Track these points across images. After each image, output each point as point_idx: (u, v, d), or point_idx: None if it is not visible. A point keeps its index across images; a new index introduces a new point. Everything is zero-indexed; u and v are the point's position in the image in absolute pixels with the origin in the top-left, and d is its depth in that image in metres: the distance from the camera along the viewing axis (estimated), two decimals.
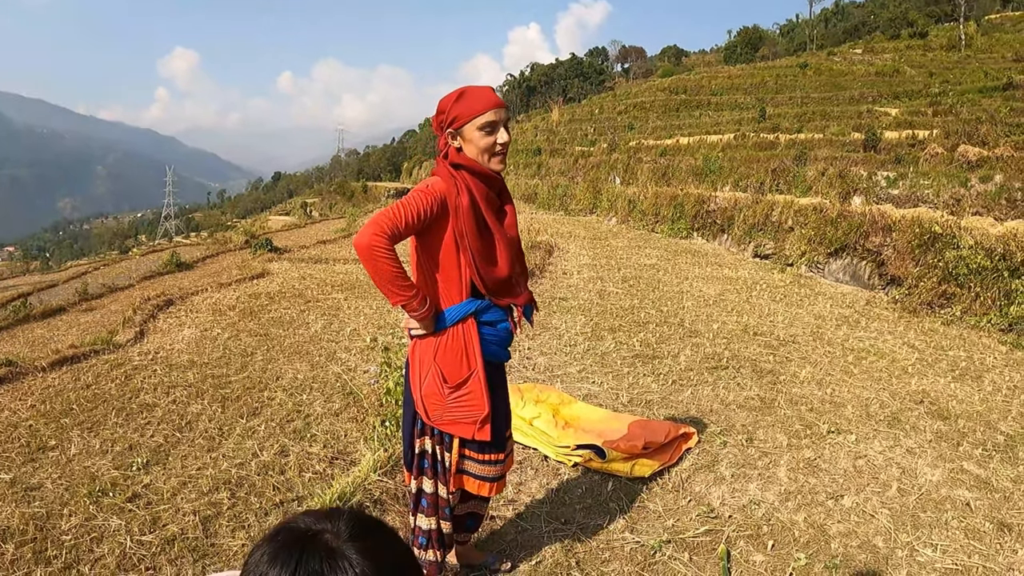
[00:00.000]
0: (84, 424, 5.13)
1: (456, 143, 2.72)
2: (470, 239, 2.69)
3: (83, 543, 3.52)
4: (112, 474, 4.28)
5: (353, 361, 6.69)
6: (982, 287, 8.57)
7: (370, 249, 2.56)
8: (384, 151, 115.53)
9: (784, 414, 5.48)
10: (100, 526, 3.68)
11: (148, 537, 3.59)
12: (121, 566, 3.34)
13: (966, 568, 3.53)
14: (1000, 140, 19.26)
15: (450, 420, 2.84)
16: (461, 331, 2.79)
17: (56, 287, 16.72)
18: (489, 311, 2.85)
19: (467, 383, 2.80)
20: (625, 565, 3.56)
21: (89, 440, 4.83)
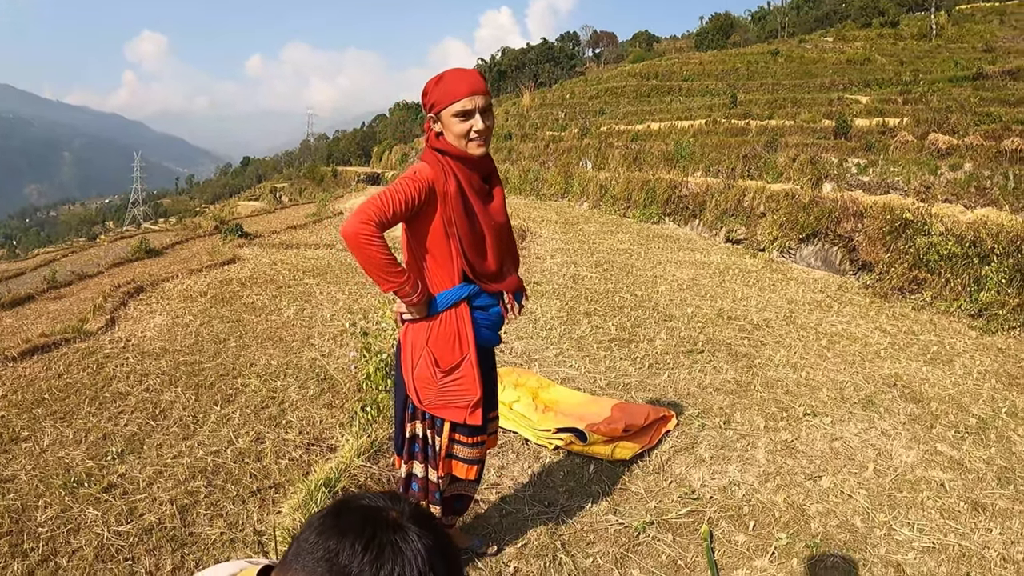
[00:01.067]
0: (57, 414, 5.05)
1: (437, 127, 2.70)
2: (459, 225, 2.67)
3: (60, 535, 3.48)
4: (87, 464, 4.23)
5: (327, 347, 6.64)
6: (952, 273, 8.68)
7: (358, 237, 2.53)
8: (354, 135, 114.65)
9: (760, 397, 5.53)
10: (76, 517, 3.64)
11: (125, 528, 3.55)
12: (99, 557, 3.30)
13: (943, 546, 3.58)
14: (970, 129, 19.43)
15: (442, 404, 2.83)
16: (454, 316, 2.78)
17: (24, 275, 16.52)
18: (481, 296, 2.83)
19: (459, 367, 2.79)
20: (610, 547, 3.58)
21: (62, 430, 4.76)
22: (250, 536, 3.54)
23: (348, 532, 1.14)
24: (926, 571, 3.38)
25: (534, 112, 45.18)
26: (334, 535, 1.15)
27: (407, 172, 2.69)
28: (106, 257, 16.78)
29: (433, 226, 2.68)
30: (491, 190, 2.86)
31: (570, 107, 42.79)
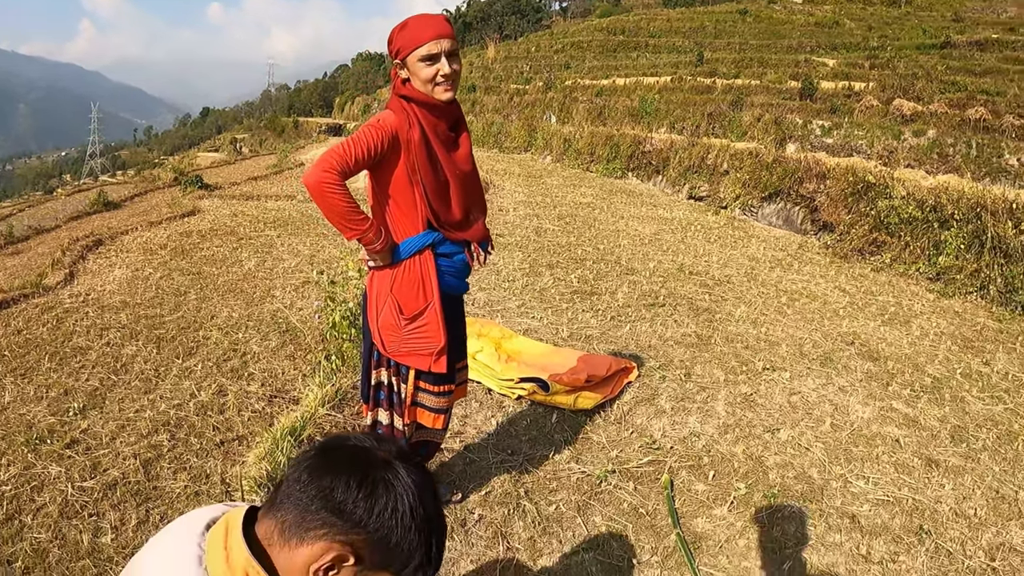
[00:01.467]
0: (17, 371, 4.96)
1: (404, 74, 2.65)
2: (422, 173, 2.64)
3: (23, 492, 3.45)
4: (49, 421, 4.18)
5: (289, 299, 6.57)
6: (912, 237, 8.76)
7: (320, 186, 2.51)
8: (316, 86, 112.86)
9: (721, 351, 5.56)
10: (40, 474, 3.60)
11: (89, 483, 3.52)
12: (64, 514, 3.27)
13: (896, 499, 3.64)
14: (935, 96, 19.58)
15: (407, 352, 2.81)
16: (417, 263, 2.75)
17: None
18: (445, 244, 2.80)
19: (423, 315, 2.77)
20: (572, 494, 3.61)
21: (23, 387, 4.68)
22: (215, 488, 3.51)
23: (341, 470, 1.23)
24: (880, 523, 3.44)
25: (499, 65, 44.70)
26: (327, 473, 1.23)
27: (371, 120, 2.65)
28: (64, 210, 16.39)
29: (397, 174, 2.65)
30: (457, 138, 2.81)
31: (535, 60, 42.38)
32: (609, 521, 3.39)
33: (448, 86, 2.62)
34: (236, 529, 1.27)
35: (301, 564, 1.23)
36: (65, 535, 3.12)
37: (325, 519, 1.22)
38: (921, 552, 3.25)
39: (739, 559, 3.16)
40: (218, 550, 1.26)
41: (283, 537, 1.24)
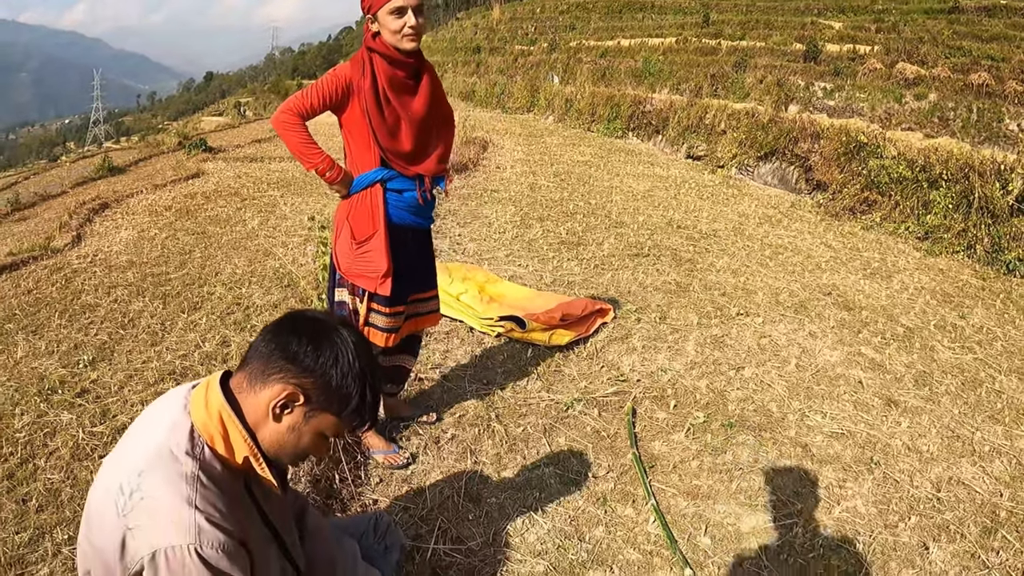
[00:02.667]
0: (28, 328, 5.10)
1: (374, 27, 2.93)
2: (371, 115, 2.97)
3: (37, 438, 3.58)
4: (60, 373, 4.31)
5: (291, 255, 6.68)
6: (902, 196, 8.86)
7: (281, 124, 3.00)
8: (320, 48, 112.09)
9: (698, 297, 5.73)
10: (52, 421, 3.74)
11: (99, 428, 3.66)
12: (75, 456, 3.41)
13: (851, 433, 3.82)
14: (939, 61, 19.55)
15: (357, 273, 3.13)
16: (369, 195, 3.08)
17: None
18: (396, 180, 3.11)
19: (370, 241, 3.09)
20: (540, 418, 3.83)
21: (35, 342, 4.81)
22: None
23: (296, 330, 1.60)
24: (832, 453, 3.62)
25: (503, 26, 44.45)
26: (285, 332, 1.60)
27: (329, 71, 3.03)
28: (69, 177, 16.15)
29: (354, 116, 3.00)
30: (417, 85, 3.09)
31: (540, 22, 42.12)
32: (572, 442, 3.60)
33: (413, 37, 2.91)
34: (214, 382, 1.64)
35: (264, 403, 1.58)
36: (76, 475, 3.27)
37: (282, 366, 1.57)
38: (868, 480, 3.42)
39: (691, 478, 3.35)
40: (199, 399, 1.63)
41: (249, 383, 1.61)
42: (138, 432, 1.63)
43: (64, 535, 2.86)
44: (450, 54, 38.76)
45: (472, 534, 2.94)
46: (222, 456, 1.59)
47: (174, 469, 1.49)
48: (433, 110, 3.15)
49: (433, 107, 3.15)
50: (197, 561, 1.43)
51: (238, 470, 1.62)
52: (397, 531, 2.51)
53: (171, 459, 1.51)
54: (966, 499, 3.35)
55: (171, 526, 1.44)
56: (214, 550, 1.45)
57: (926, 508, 3.25)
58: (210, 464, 1.55)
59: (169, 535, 1.43)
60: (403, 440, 3.61)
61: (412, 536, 2.89)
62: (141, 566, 1.45)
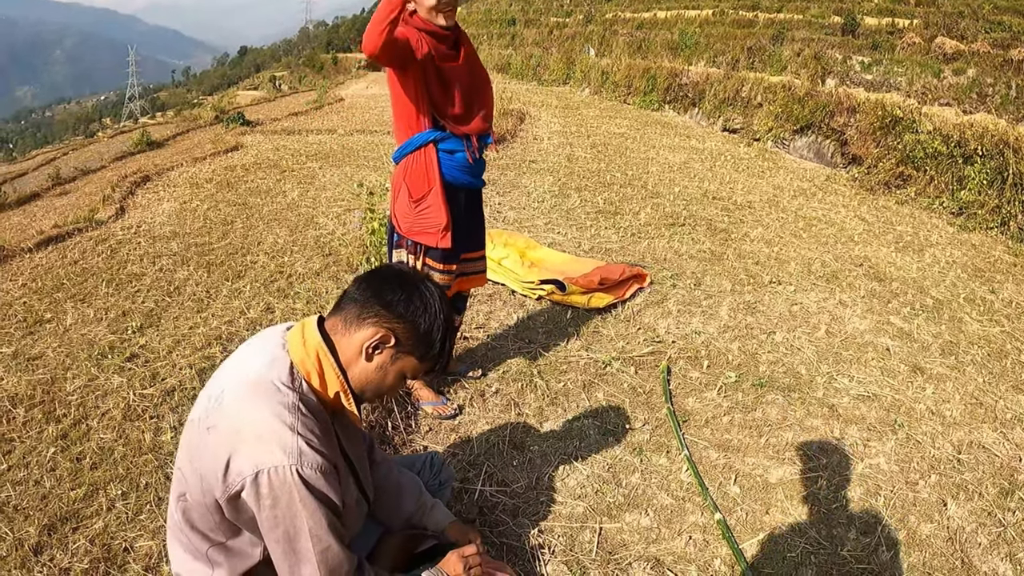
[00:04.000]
0: (76, 296, 5.21)
1: (411, 6, 3.12)
2: (429, 76, 3.15)
3: (89, 401, 3.72)
4: (109, 338, 4.43)
5: (331, 225, 6.86)
6: (937, 171, 8.91)
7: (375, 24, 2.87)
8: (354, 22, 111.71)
9: (732, 265, 5.90)
10: (103, 385, 3.87)
11: (149, 391, 3.81)
12: (127, 417, 3.57)
13: (876, 396, 3.98)
14: (979, 36, 19.32)
15: (417, 230, 3.32)
16: (423, 155, 3.27)
17: (26, 175, 16.25)
18: (448, 140, 3.30)
19: (426, 198, 3.28)
20: (580, 375, 4.05)
21: (83, 310, 4.94)
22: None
23: (389, 280, 1.82)
24: (857, 415, 3.79)
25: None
26: (379, 282, 1.82)
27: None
28: (108, 152, 16.44)
29: (408, 76, 3.14)
30: (458, 55, 3.27)
31: None
32: (610, 397, 3.82)
33: (449, 11, 3.12)
34: (311, 323, 1.84)
35: (358, 343, 1.79)
36: (128, 435, 3.40)
37: (377, 311, 1.78)
38: (892, 440, 3.59)
39: (722, 433, 3.55)
40: (297, 338, 1.81)
41: (344, 325, 1.81)
42: (235, 365, 1.83)
43: (118, 491, 3.00)
44: (485, 26, 38.63)
45: (516, 478, 3.15)
46: (316, 390, 1.78)
47: (276, 399, 1.69)
48: (475, 77, 3.35)
49: (474, 74, 3.35)
50: (298, 480, 1.63)
51: (328, 404, 1.82)
52: (450, 468, 2.71)
53: (274, 390, 1.70)
54: (985, 462, 3.50)
55: (275, 448, 1.63)
56: (313, 471, 1.65)
57: (946, 468, 3.41)
58: (307, 396, 1.75)
59: (273, 456, 1.62)
60: (450, 393, 3.83)
61: (460, 479, 3.10)
62: (242, 485, 1.64)
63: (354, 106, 19.46)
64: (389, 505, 2.28)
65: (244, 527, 1.77)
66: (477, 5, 56.41)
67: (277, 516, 1.65)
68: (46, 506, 2.92)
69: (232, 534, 1.80)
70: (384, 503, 2.26)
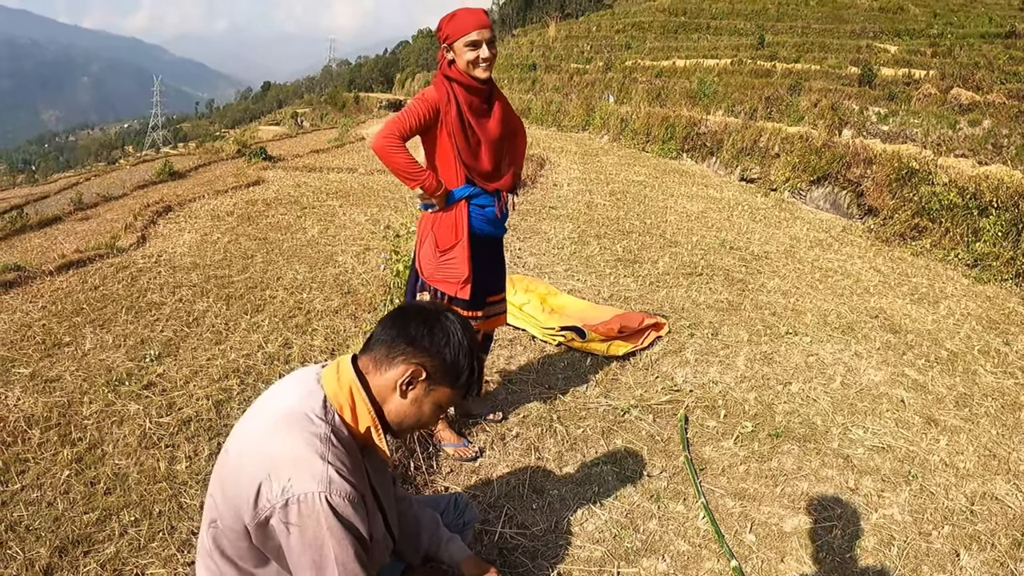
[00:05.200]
0: (96, 322, 5.35)
1: (450, 56, 3.30)
2: (457, 139, 3.31)
3: (105, 426, 3.81)
4: (127, 365, 4.55)
5: (350, 263, 6.96)
6: (952, 223, 8.98)
7: (384, 148, 3.24)
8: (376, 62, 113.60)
9: (748, 316, 5.99)
10: (120, 411, 3.96)
11: (166, 419, 3.89)
12: (142, 444, 3.64)
13: (891, 447, 4.05)
14: (994, 87, 19.41)
15: (440, 278, 3.49)
16: (454, 209, 3.43)
17: (49, 198, 16.44)
18: (481, 196, 3.46)
19: (453, 250, 3.44)
20: (599, 422, 4.16)
21: (102, 336, 5.05)
22: None
23: (412, 317, 1.93)
24: (872, 465, 3.86)
25: (559, 44, 44.77)
26: (403, 320, 1.93)
27: (418, 95, 3.35)
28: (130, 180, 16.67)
29: (440, 137, 3.33)
30: (491, 109, 3.43)
31: (596, 40, 42.36)
32: (628, 444, 3.91)
33: (486, 67, 3.28)
34: (345, 361, 1.94)
35: (391, 381, 1.89)
36: (143, 462, 3.47)
37: (404, 349, 1.88)
38: (905, 491, 3.65)
39: (738, 482, 3.63)
40: (332, 374, 1.92)
41: (376, 366, 1.91)
42: (270, 398, 1.94)
43: (131, 517, 3.06)
44: (506, 71, 39.11)
45: (536, 521, 3.24)
46: (348, 424, 1.88)
47: (309, 429, 1.78)
48: (506, 129, 3.51)
49: (506, 127, 3.51)
50: (327, 507, 1.69)
51: (359, 438, 1.91)
52: (473, 509, 2.80)
53: (307, 421, 1.80)
54: (999, 513, 3.55)
55: (305, 476, 1.70)
56: (342, 499, 1.72)
57: (959, 519, 3.47)
58: (339, 429, 1.84)
59: (303, 484, 1.69)
60: (471, 436, 3.94)
61: (480, 520, 3.19)
62: (271, 511, 1.71)
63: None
64: (408, 539, 2.36)
65: (271, 555, 1.84)
66: (499, 50, 57.18)
67: (305, 543, 1.71)
68: (58, 528, 2.98)
69: (260, 563, 1.87)
70: (403, 537, 2.33)
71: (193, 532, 2.95)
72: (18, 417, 3.83)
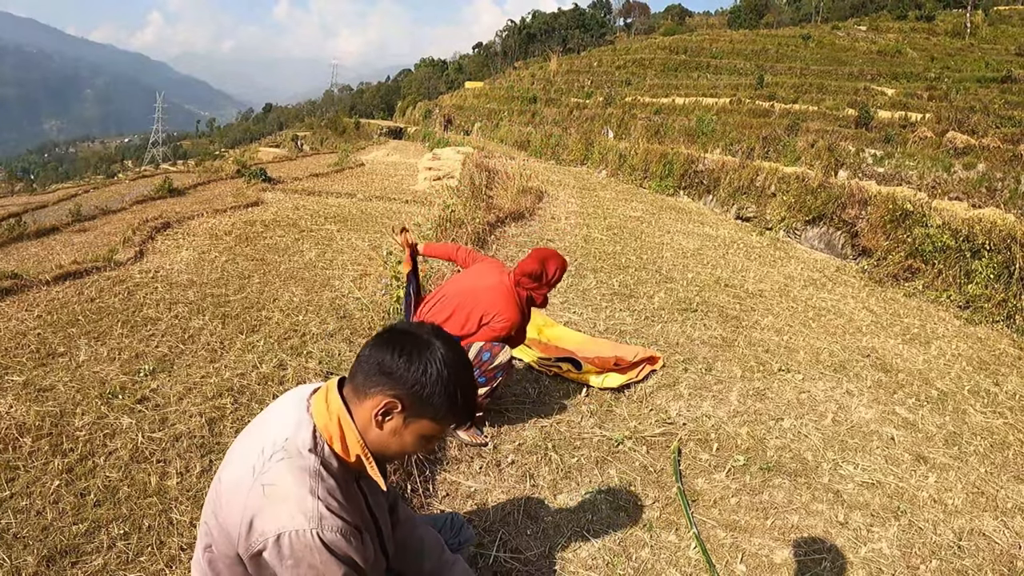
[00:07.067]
0: (91, 334, 5.35)
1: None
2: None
3: (97, 438, 3.78)
4: (121, 379, 4.52)
5: (347, 288, 6.99)
6: (945, 265, 9.10)
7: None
8: (378, 89, 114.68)
9: (742, 352, 6.07)
10: (112, 424, 3.93)
11: (158, 434, 3.88)
12: (134, 458, 3.65)
13: (880, 483, 4.12)
14: (989, 131, 19.71)
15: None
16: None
17: (47, 208, 16.58)
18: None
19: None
20: (593, 451, 4.22)
21: (97, 348, 5.05)
22: None
23: (391, 345, 1.87)
24: (862, 501, 3.92)
25: (560, 78, 45.28)
26: (382, 348, 1.87)
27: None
28: (129, 194, 16.87)
29: None
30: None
31: (597, 75, 42.87)
32: (621, 474, 3.97)
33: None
34: (333, 388, 1.91)
35: (368, 411, 1.84)
36: (134, 476, 3.46)
37: (379, 380, 1.82)
38: (894, 526, 3.72)
39: (729, 513, 3.69)
40: (321, 402, 1.90)
41: (356, 395, 1.87)
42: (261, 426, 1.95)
43: (120, 530, 3.07)
44: (506, 102, 39.50)
45: (530, 546, 3.30)
46: (339, 454, 1.85)
47: (299, 463, 1.80)
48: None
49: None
50: (319, 543, 1.72)
51: (351, 467, 1.92)
52: (469, 530, 2.83)
53: (297, 454, 1.81)
54: (986, 548, 3.62)
55: (296, 512, 1.73)
56: (334, 534, 1.75)
57: (947, 554, 3.53)
58: (329, 460, 1.83)
59: (295, 519, 1.72)
60: (468, 463, 4.00)
61: (475, 544, 3.23)
62: (264, 545, 1.73)
63: (374, 172, 19.92)
64: (411, 561, 2.39)
65: None
66: (500, 81, 57.68)
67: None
68: (46, 537, 2.98)
69: None
70: (407, 559, 2.36)
71: (182, 548, 2.98)
72: (10, 424, 3.83)
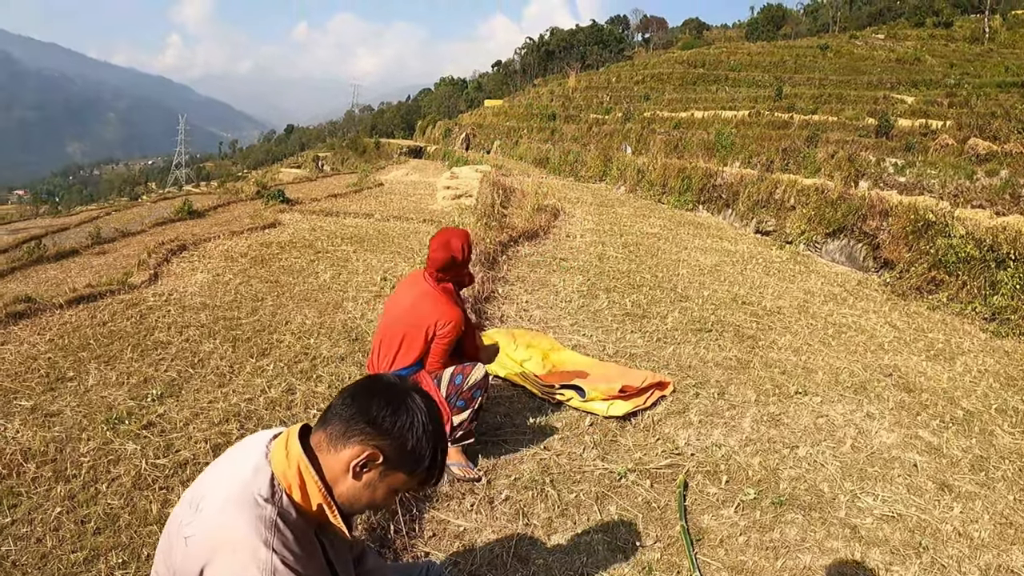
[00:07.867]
0: (101, 358, 5.34)
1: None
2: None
3: (101, 464, 3.77)
4: (128, 404, 4.52)
5: (360, 310, 6.91)
6: (969, 276, 8.85)
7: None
8: (398, 108, 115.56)
9: (757, 374, 5.85)
10: (117, 450, 3.93)
11: (162, 461, 3.86)
12: (137, 485, 3.61)
13: (901, 516, 3.89)
14: (1012, 136, 19.39)
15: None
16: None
17: (68, 230, 16.64)
18: None
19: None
20: (593, 486, 4.00)
21: (106, 372, 5.05)
22: None
23: (375, 395, 1.80)
24: (881, 536, 3.70)
25: (579, 94, 45.29)
26: (363, 397, 1.79)
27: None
28: (149, 216, 16.91)
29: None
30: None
31: (615, 91, 42.84)
32: (622, 511, 3.76)
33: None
34: (294, 435, 1.82)
35: (344, 461, 1.76)
36: (136, 503, 3.44)
37: (363, 429, 1.75)
38: (916, 564, 3.48)
39: (736, 553, 3.48)
40: (280, 449, 1.80)
41: (330, 443, 1.78)
42: (217, 473, 1.85)
43: (119, 559, 3.02)
44: (525, 120, 39.50)
45: None
46: (297, 503, 1.77)
47: (255, 512, 1.69)
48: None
49: None
50: None
51: (311, 516, 1.81)
52: None
53: (252, 503, 1.70)
54: None
55: (249, 564, 1.63)
56: None
57: None
58: (287, 510, 1.74)
59: (247, 571, 1.62)
60: (460, 500, 3.81)
61: None
62: None
63: (393, 192, 19.89)
64: None
65: None
66: (520, 99, 57.86)
67: None
68: (45, 565, 2.95)
69: None
70: None
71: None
72: (15, 450, 3.83)
